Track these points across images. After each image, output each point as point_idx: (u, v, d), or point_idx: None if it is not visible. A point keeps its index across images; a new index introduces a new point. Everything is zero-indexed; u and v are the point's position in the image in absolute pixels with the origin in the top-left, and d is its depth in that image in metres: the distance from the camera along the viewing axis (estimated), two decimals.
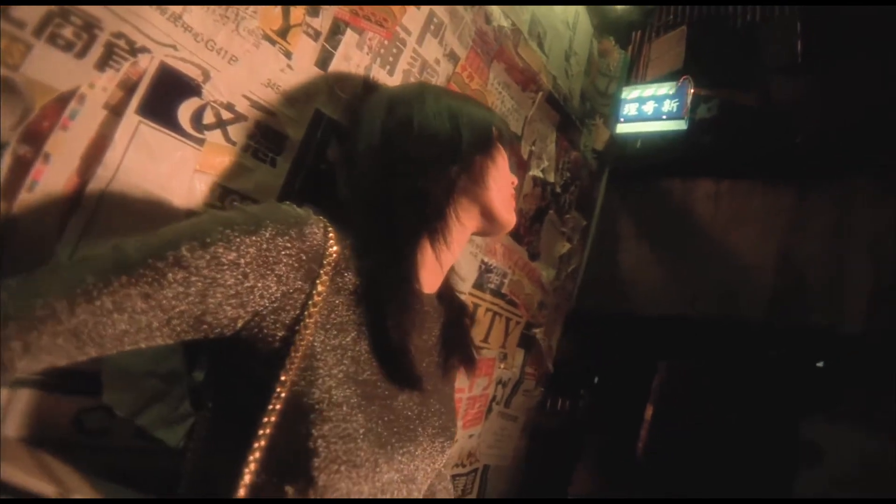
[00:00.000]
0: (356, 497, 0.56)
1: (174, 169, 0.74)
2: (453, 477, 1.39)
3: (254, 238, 0.53)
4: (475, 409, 1.42)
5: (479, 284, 1.37)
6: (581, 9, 1.82)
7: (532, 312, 1.63)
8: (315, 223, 0.59)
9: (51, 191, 0.66)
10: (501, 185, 0.78)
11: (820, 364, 2.31)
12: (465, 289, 1.32)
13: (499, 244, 1.43)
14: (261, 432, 0.52)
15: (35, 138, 0.65)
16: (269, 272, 0.54)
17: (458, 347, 0.79)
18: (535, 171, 1.55)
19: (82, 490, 0.60)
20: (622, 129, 2.38)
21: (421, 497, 0.69)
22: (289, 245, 0.55)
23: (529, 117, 1.51)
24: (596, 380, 2.40)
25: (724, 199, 2.52)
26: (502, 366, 1.52)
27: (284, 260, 0.55)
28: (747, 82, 2.77)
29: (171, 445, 0.73)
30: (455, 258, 0.79)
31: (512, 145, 0.91)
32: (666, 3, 2.83)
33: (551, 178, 1.63)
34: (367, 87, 1.00)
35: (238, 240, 0.52)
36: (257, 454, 0.52)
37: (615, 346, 2.45)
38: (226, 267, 0.51)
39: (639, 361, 2.63)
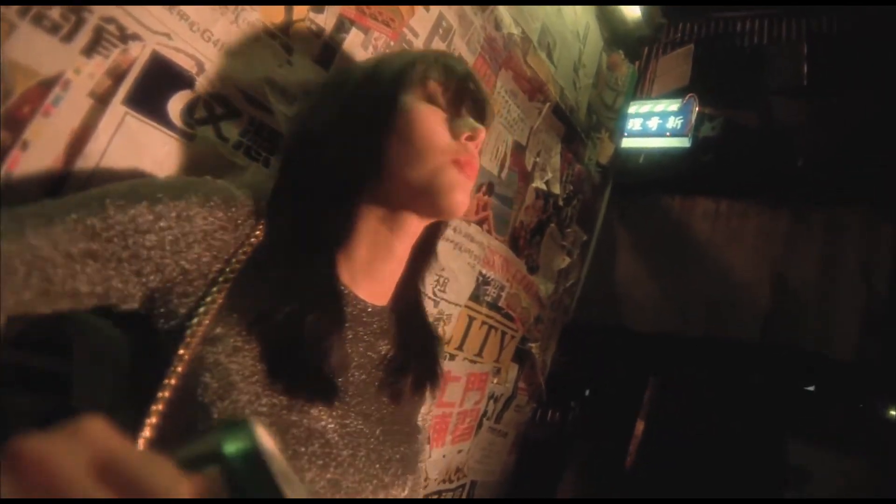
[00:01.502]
0: None
1: (160, 164, 0.70)
2: (440, 493, 1.34)
3: (178, 202, 0.53)
4: (465, 423, 1.38)
5: (475, 297, 1.33)
6: (592, 21, 1.79)
7: (528, 327, 1.59)
8: (243, 202, 0.58)
9: (27, 180, 0.62)
10: (432, 145, 0.62)
11: (810, 388, 2.30)
12: (460, 300, 1.28)
13: (497, 255, 1.39)
14: (154, 408, 0.49)
15: (13, 124, 0.61)
16: (187, 243, 0.53)
17: (409, 367, 0.67)
18: (538, 183, 1.52)
19: None
20: (627, 143, 2.36)
21: None
22: (210, 217, 0.55)
23: (535, 128, 1.48)
24: (587, 392, 2.38)
25: (722, 218, 2.51)
26: (495, 380, 1.48)
27: (203, 230, 0.54)
28: (751, 103, 2.76)
29: None
30: (398, 259, 0.68)
31: (462, 89, 0.67)
32: (676, 3, 2.82)
33: (556, 189, 1.59)
34: None
35: (162, 205, 0.52)
36: (147, 433, 0.48)
37: (608, 360, 2.43)
38: (145, 227, 0.50)
39: (631, 376, 2.61)
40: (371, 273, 0.65)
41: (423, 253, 0.74)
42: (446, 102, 0.66)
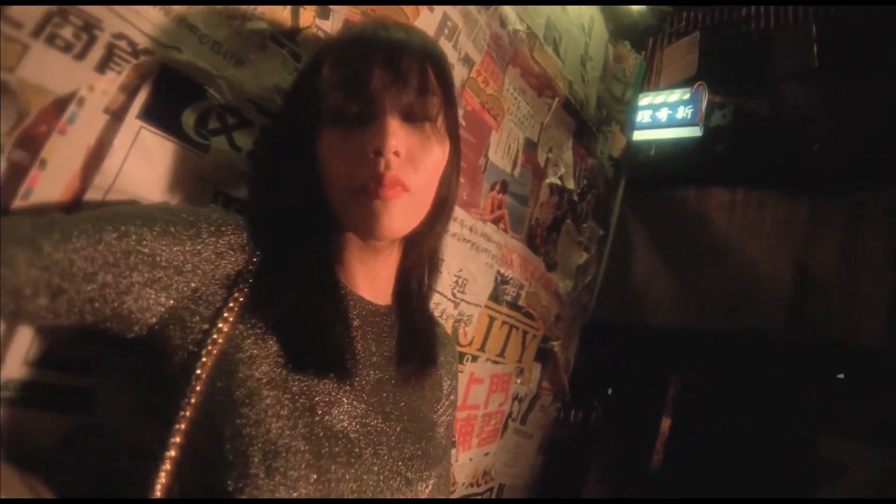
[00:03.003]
0: None
1: (176, 177, 0.70)
2: (468, 497, 1.33)
3: (190, 229, 0.56)
4: (490, 426, 1.37)
5: (494, 296, 1.32)
6: (596, 13, 1.78)
7: (549, 325, 1.58)
8: (245, 227, 0.61)
9: (46, 199, 0.62)
10: (334, 179, 0.59)
11: (840, 376, 2.25)
12: (480, 301, 1.27)
13: (515, 254, 1.38)
14: (176, 427, 0.52)
15: (31, 143, 0.62)
16: (200, 264, 0.56)
17: (413, 354, 0.68)
18: (552, 179, 1.51)
19: None
20: (637, 136, 2.33)
21: None
22: (219, 241, 0.58)
23: (545, 124, 1.47)
24: (609, 391, 2.35)
25: (738, 208, 2.47)
26: (518, 381, 1.47)
27: (215, 252, 0.57)
28: (762, 89, 2.72)
29: None
30: (386, 260, 0.68)
31: (376, 77, 0.58)
32: (683, 3, 2.79)
33: (570, 184, 1.58)
34: None
35: (176, 227, 0.55)
36: (173, 452, 0.51)
37: (629, 358, 2.40)
38: (160, 250, 0.53)
39: (653, 373, 2.58)
40: (368, 274, 0.67)
41: (414, 253, 0.72)
42: (358, 111, 0.58)
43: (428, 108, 0.61)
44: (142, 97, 0.67)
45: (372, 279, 0.68)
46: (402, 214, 0.59)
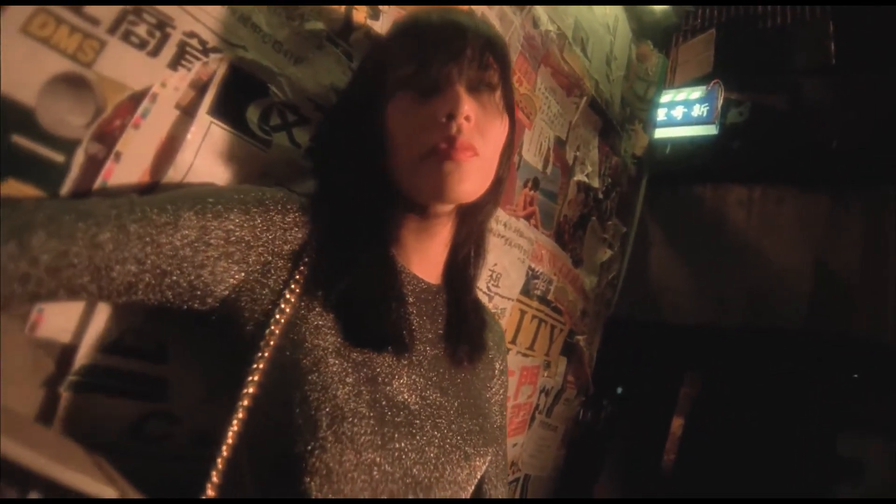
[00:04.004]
0: (340, 478, 0.52)
1: (242, 171, 0.73)
2: None
3: (259, 207, 0.59)
4: (519, 417, 1.39)
5: (525, 290, 1.35)
6: (620, 13, 1.80)
7: (575, 320, 1.60)
8: (303, 207, 0.63)
9: (121, 189, 0.65)
10: (405, 144, 0.61)
11: (855, 376, 2.24)
12: (512, 294, 1.30)
13: (545, 250, 1.40)
14: (245, 391, 0.54)
15: (107, 137, 0.64)
16: (268, 238, 0.59)
17: (464, 336, 0.70)
18: (579, 177, 1.53)
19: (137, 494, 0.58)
20: (658, 133, 2.34)
21: None
22: (287, 217, 0.61)
23: (574, 122, 1.49)
24: (619, 390, 2.36)
25: (756, 205, 2.47)
26: (546, 374, 1.49)
27: (281, 227, 0.60)
28: (779, 85, 2.71)
29: None
30: (440, 241, 0.70)
31: (442, 52, 0.61)
32: (702, 4, 2.78)
33: (595, 183, 1.60)
34: None
35: (251, 206, 0.58)
36: (241, 414, 0.54)
37: (646, 355, 2.41)
38: (235, 226, 0.56)
39: (671, 369, 2.58)
40: (422, 253, 0.69)
41: (467, 234, 0.73)
42: (429, 81, 0.61)
43: (490, 81, 0.64)
44: (211, 93, 0.70)
45: (425, 258, 0.70)
46: (472, 177, 0.61)
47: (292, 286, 0.58)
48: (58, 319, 0.61)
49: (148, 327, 0.66)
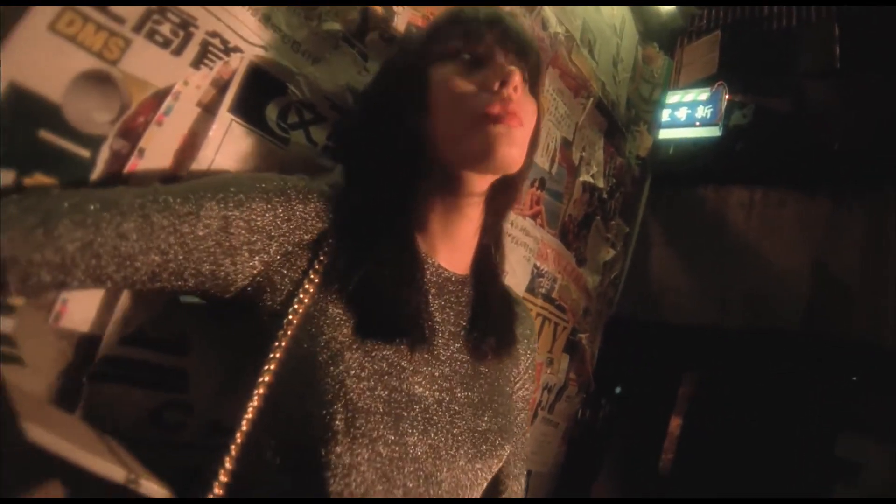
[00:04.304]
0: (351, 470, 0.52)
1: (261, 168, 0.75)
2: None
3: (281, 198, 0.59)
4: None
5: (530, 288, 1.37)
6: (627, 15, 1.81)
7: (577, 318, 1.62)
8: (324, 196, 0.63)
9: (144, 184, 0.66)
10: (460, 106, 0.61)
11: (854, 378, 2.26)
12: (518, 292, 1.31)
13: (550, 248, 1.42)
14: (261, 380, 0.55)
15: (131, 133, 0.66)
16: (290, 229, 0.59)
17: (492, 329, 0.69)
18: (584, 177, 1.54)
19: (149, 477, 0.58)
20: (662, 134, 2.35)
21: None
22: (308, 207, 0.61)
23: (580, 123, 1.51)
24: (618, 389, 2.36)
25: (757, 207, 2.48)
26: (549, 371, 1.51)
27: (302, 217, 0.60)
28: (783, 88, 2.72)
29: None
30: (467, 230, 0.69)
31: (487, 33, 0.64)
32: (708, 3, 2.78)
33: (600, 183, 1.62)
34: None
35: (267, 196, 0.58)
36: (256, 402, 0.55)
37: (646, 355, 2.42)
38: (257, 215, 0.57)
39: (670, 370, 2.59)
40: (448, 240, 0.68)
41: (492, 213, 0.73)
42: (475, 56, 0.64)
43: (527, 65, 0.67)
44: (232, 92, 0.72)
45: (452, 247, 0.69)
46: (519, 144, 0.62)
47: (311, 277, 0.58)
48: (81, 310, 0.63)
49: (169, 319, 0.68)
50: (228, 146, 0.71)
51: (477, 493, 0.65)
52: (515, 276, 1.29)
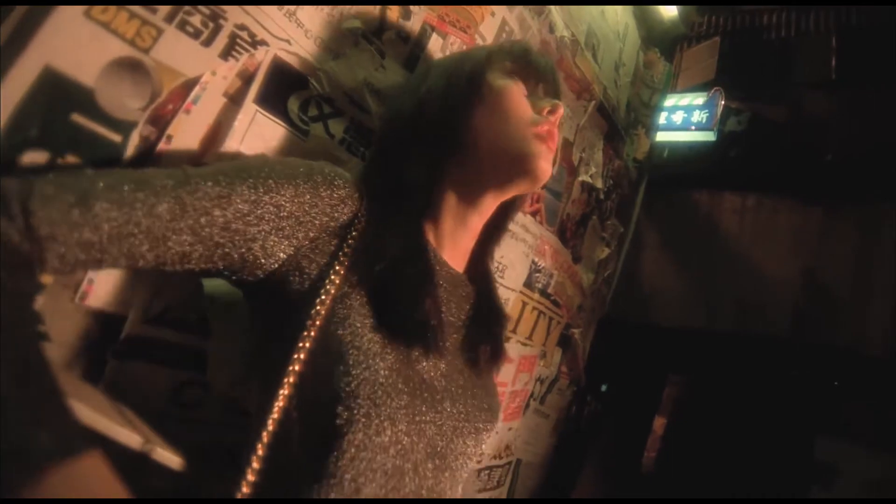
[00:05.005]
0: (376, 448, 0.55)
1: (283, 157, 0.77)
2: (490, 469, 1.42)
3: (308, 182, 0.60)
4: (515, 403, 1.46)
5: (528, 283, 1.41)
6: (630, 20, 1.85)
7: (572, 314, 1.67)
8: (349, 184, 0.65)
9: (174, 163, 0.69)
10: (518, 116, 0.69)
11: (836, 383, 2.31)
12: (516, 286, 1.36)
13: (548, 245, 1.46)
14: (291, 368, 0.56)
15: (160, 120, 0.69)
16: (317, 214, 0.60)
17: (486, 336, 0.74)
18: (583, 177, 1.59)
19: (164, 446, 0.59)
20: (658, 137, 2.39)
21: (448, 478, 0.65)
22: (334, 194, 0.62)
23: (581, 125, 1.55)
24: (604, 387, 2.40)
25: (750, 213, 2.52)
26: (542, 363, 1.55)
27: (329, 204, 0.62)
28: (779, 97, 2.76)
29: None
30: (472, 232, 0.75)
31: (538, 69, 0.76)
32: (709, 4, 2.80)
33: (599, 184, 1.66)
34: None
35: (300, 180, 0.60)
36: (286, 390, 0.55)
37: (633, 356, 2.46)
38: (285, 201, 0.58)
39: (655, 371, 2.64)
40: (453, 241, 0.73)
41: (494, 230, 0.81)
42: (524, 82, 0.74)
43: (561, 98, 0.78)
44: (257, 84, 0.74)
45: (456, 245, 0.73)
46: (551, 165, 0.71)
47: (340, 261, 0.60)
48: (106, 290, 0.65)
49: (191, 301, 0.71)
50: (253, 136, 0.74)
51: (473, 463, 0.70)
52: (514, 271, 1.33)
